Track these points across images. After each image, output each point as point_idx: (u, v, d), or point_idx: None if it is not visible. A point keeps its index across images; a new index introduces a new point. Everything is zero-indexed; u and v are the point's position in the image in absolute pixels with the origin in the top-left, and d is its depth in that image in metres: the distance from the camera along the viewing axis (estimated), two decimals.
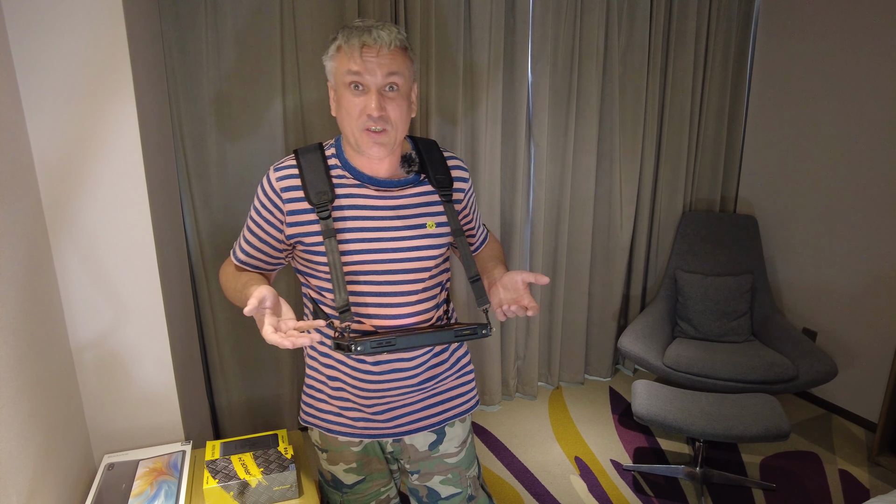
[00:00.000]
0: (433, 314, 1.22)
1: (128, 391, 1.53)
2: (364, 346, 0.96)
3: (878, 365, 2.70)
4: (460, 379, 1.33)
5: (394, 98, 1.07)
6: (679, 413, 2.15)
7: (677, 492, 2.33)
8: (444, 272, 1.26)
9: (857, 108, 2.69)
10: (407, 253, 1.15)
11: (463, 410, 1.33)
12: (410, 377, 1.22)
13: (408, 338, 1.00)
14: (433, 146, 1.25)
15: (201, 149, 2.26)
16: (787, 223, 3.06)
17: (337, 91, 1.10)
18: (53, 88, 1.30)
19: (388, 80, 1.06)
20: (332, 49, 1.10)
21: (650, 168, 3.04)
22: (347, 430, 1.26)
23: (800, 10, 2.89)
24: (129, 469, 1.41)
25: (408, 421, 1.26)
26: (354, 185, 1.15)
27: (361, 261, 1.13)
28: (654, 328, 2.85)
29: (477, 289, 1.18)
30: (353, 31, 1.06)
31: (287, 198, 1.12)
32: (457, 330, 1.04)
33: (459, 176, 1.25)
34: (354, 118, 1.07)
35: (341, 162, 1.16)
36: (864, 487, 2.35)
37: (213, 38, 2.17)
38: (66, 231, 1.38)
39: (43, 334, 1.28)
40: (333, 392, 1.25)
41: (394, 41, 1.06)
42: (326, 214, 1.10)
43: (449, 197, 1.20)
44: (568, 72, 2.76)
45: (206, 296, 2.37)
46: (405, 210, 1.16)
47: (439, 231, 1.19)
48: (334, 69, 1.10)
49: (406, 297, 1.16)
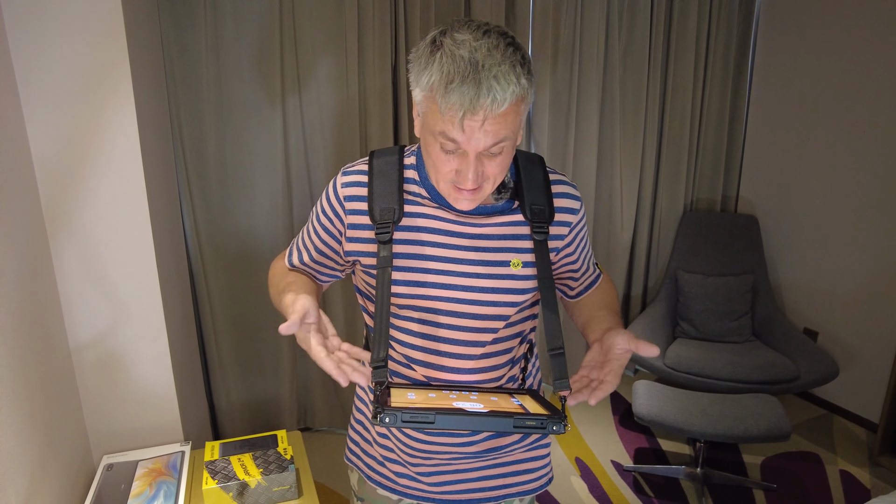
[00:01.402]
0: (504, 372, 0.99)
1: (127, 391, 1.52)
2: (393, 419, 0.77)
3: (879, 365, 2.69)
4: (532, 452, 1.10)
5: (497, 156, 0.83)
6: (680, 413, 2.15)
7: (678, 492, 2.33)
8: (527, 319, 1.02)
9: (858, 107, 2.68)
10: (480, 294, 0.93)
11: (528, 490, 1.10)
12: (468, 444, 1.00)
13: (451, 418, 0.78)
14: (537, 165, 0.99)
15: (201, 149, 2.26)
16: (788, 223, 3.06)
17: (423, 131, 0.86)
18: (53, 88, 1.30)
19: (493, 147, 0.81)
20: (423, 79, 0.81)
21: (651, 168, 3.04)
22: (387, 484, 1.08)
23: (800, 11, 2.88)
24: (128, 469, 1.41)
25: (459, 489, 1.06)
26: (431, 205, 0.94)
27: (423, 295, 0.93)
28: (654, 328, 2.84)
29: (557, 366, 0.88)
30: (455, 75, 0.76)
31: (350, 208, 0.95)
32: (518, 418, 0.79)
33: (566, 206, 0.98)
34: (443, 173, 0.85)
35: (420, 176, 0.95)
36: (864, 488, 2.35)
37: (212, 39, 2.17)
38: (66, 231, 1.38)
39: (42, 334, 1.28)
40: (379, 438, 1.07)
41: (509, 97, 0.77)
42: (387, 237, 0.90)
43: (545, 234, 0.94)
44: (568, 71, 2.76)
45: (206, 296, 2.37)
46: (486, 241, 0.94)
47: (527, 273, 0.95)
48: (424, 107, 0.83)
49: (471, 347, 0.95)
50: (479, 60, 0.76)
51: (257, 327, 2.51)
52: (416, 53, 0.84)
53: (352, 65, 2.32)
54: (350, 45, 2.30)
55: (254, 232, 2.41)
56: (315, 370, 2.65)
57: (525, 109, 0.83)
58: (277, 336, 2.52)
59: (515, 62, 0.78)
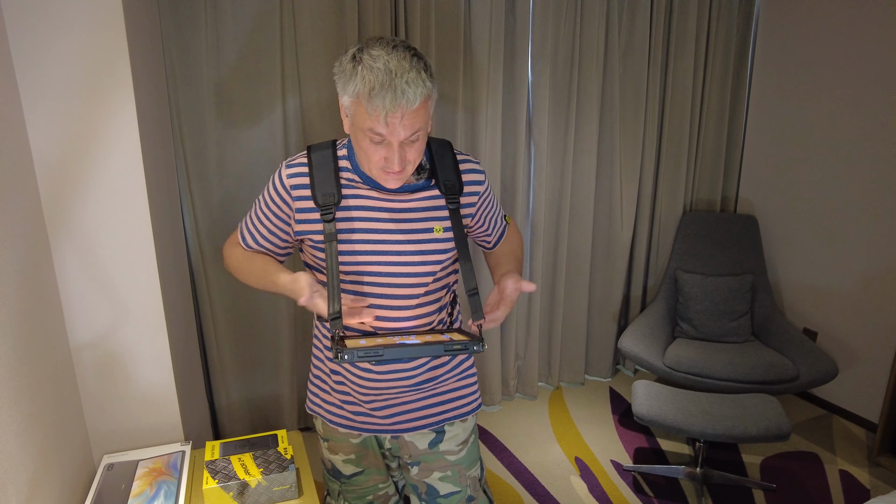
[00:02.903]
0: (435, 317, 1.23)
1: (127, 391, 1.52)
2: (351, 355, 0.98)
3: (879, 365, 2.69)
4: (461, 381, 1.34)
5: (414, 143, 1.05)
6: (679, 413, 2.15)
7: (677, 492, 2.33)
8: (451, 274, 1.26)
9: (858, 107, 2.68)
10: (411, 257, 1.16)
11: (462, 413, 1.34)
12: (409, 377, 1.23)
13: (396, 349, 1.00)
14: (446, 149, 1.22)
15: (201, 149, 2.26)
16: (787, 223, 3.06)
17: (353, 128, 1.06)
18: (53, 88, 1.30)
19: (411, 136, 1.03)
20: (349, 88, 1.01)
21: (650, 168, 3.04)
22: (347, 423, 1.30)
23: (800, 10, 2.88)
24: (129, 469, 1.41)
25: (405, 419, 1.28)
26: (364, 188, 1.15)
27: (364, 262, 1.14)
28: (654, 328, 2.84)
29: (473, 303, 1.14)
30: (375, 84, 0.97)
31: (296, 195, 1.15)
32: (447, 344, 1.04)
33: (473, 179, 1.23)
34: (373, 162, 1.06)
35: (352, 165, 1.16)
36: (864, 488, 2.35)
37: (213, 39, 2.17)
38: (66, 231, 1.38)
39: (42, 334, 1.28)
40: (336, 385, 1.29)
41: (418, 96, 0.99)
42: (329, 217, 1.12)
43: (456, 204, 1.19)
44: (568, 72, 2.76)
45: (206, 296, 2.37)
46: (412, 213, 1.16)
47: (447, 236, 1.18)
48: (352, 111, 1.04)
49: (407, 300, 1.17)
50: (392, 70, 0.98)
51: (257, 327, 2.51)
52: (339, 67, 1.05)
53: None
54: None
55: None
56: None
57: (432, 104, 1.07)
58: (277, 336, 2.52)
59: (420, 69, 1.01)
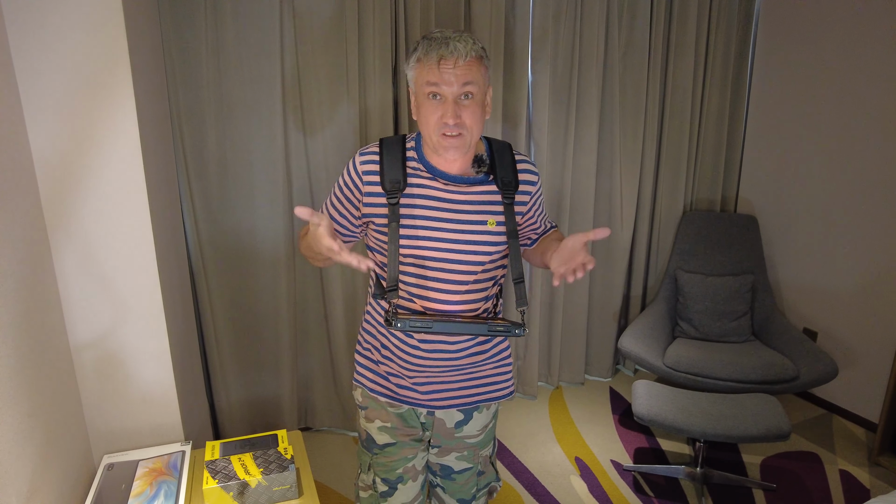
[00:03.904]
0: (480, 305, 1.31)
1: (127, 391, 1.52)
2: (403, 324, 1.10)
3: (879, 365, 2.69)
4: (498, 368, 1.42)
5: (468, 106, 1.16)
6: (679, 413, 2.15)
7: (678, 492, 2.33)
8: (499, 268, 1.33)
9: (858, 107, 2.68)
10: (464, 245, 1.24)
11: (496, 397, 1.43)
12: (453, 358, 1.31)
13: (445, 324, 1.13)
14: (506, 149, 1.31)
15: (201, 149, 2.26)
16: (787, 223, 3.06)
17: (417, 98, 1.20)
18: (53, 88, 1.30)
19: (463, 89, 1.14)
20: (412, 60, 1.19)
21: (650, 168, 3.04)
22: (390, 394, 1.38)
23: (800, 10, 2.88)
24: (129, 469, 1.41)
25: (443, 396, 1.36)
26: (427, 177, 1.25)
27: (421, 246, 1.23)
28: (654, 328, 2.84)
29: (518, 291, 1.26)
30: (431, 44, 1.15)
31: (367, 181, 1.25)
32: (491, 325, 1.15)
33: (527, 179, 1.31)
34: (432, 124, 1.17)
35: (418, 155, 1.26)
36: (864, 488, 2.35)
37: (212, 39, 2.17)
38: (66, 231, 1.38)
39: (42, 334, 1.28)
40: (382, 359, 1.36)
41: (469, 52, 1.14)
42: (395, 201, 1.22)
43: (511, 199, 1.27)
44: (568, 72, 2.76)
45: (206, 296, 2.37)
46: (469, 206, 1.25)
47: (499, 230, 1.26)
48: (414, 78, 1.20)
49: (456, 286, 1.26)
50: (447, 35, 1.16)
51: (257, 327, 2.51)
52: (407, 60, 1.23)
53: (352, 65, 2.32)
54: (350, 45, 2.31)
55: (254, 232, 2.41)
56: (315, 370, 2.65)
57: (486, 74, 1.20)
58: (278, 336, 2.52)
59: (472, 38, 1.17)
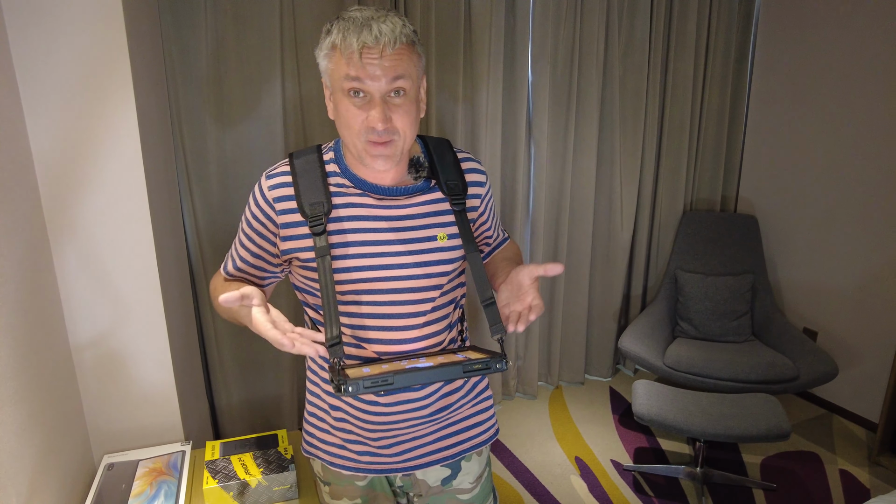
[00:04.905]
0: (444, 336, 1.08)
1: (127, 391, 1.52)
2: (356, 387, 0.83)
3: (879, 365, 2.69)
4: (477, 407, 1.18)
5: (401, 104, 0.92)
6: (679, 413, 2.15)
7: (678, 492, 2.33)
8: (458, 287, 1.11)
9: (858, 107, 2.68)
10: (414, 269, 1.01)
11: (480, 442, 1.18)
12: (421, 408, 1.07)
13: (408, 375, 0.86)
14: (446, 147, 1.10)
15: (201, 149, 2.26)
16: (787, 223, 3.06)
17: (334, 95, 0.95)
18: (53, 88, 1.30)
19: (393, 85, 0.90)
20: (325, 45, 0.93)
21: (650, 168, 3.04)
22: (351, 465, 1.12)
23: (800, 10, 2.88)
24: (129, 469, 1.41)
25: (419, 454, 1.12)
26: (355, 193, 1.01)
27: (362, 278, 1.00)
28: (654, 328, 2.84)
29: (490, 314, 0.98)
30: (349, 26, 0.89)
31: (280, 209, 1.00)
32: (466, 364, 0.89)
33: (475, 180, 1.10)
34: (356, 129, 0.93)
35: (341, 168, 1.03)
36: (864, 487, 2.35)
37: (212, 39, 2.17)
38: (66, 231, 1.38)
39: (43, 334, 1.28)
40: (336, 423, 1.12)
41: (399, 37, 0.89)
42: (320, 229, 0.97)
43: (462, 205, 1.05)
44: (568, 72, 2.76)
45: (206, 296, 2.37)
46: (412, 221, 1.02)
47: (451, 244, 1.04)
48: (329, 70, 0.94)
49: (413, 318, 1.03)
50: (369, 16, 0.90)
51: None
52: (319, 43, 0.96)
53: None
54: None
55: None
56: None
57: (418, 63, 0.95)
58: None
59: (400, 19, 0.92)
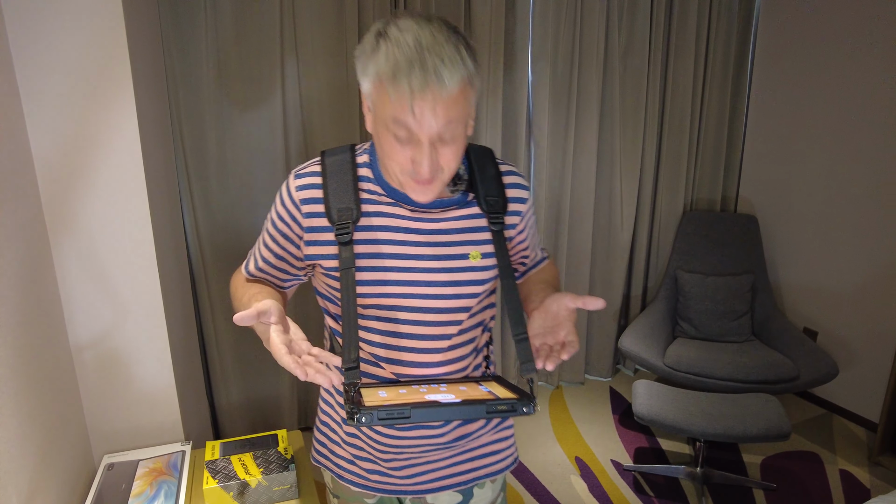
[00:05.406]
0: (469, 362, 1.01)
1: (127, 391, 1.52)
2: (369, 418, 0.78)
3: (879, 365, 2.69)
4: (497, 434, 1.11)
5: (449, 143, 0.83)
6: (679, 413, 2.15)
7: (678, 492, 2.33)
8: (487, 308, 1.04)
9: (858, 107, 2.68)
10: (443, 288, 0.94)
11: (496, 470, 1.12)
12: (438, 436, 1.01)
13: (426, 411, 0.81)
14: (488, 158, 1.00)
15: (201, 149, 2.26)
16: (787, 223, 3.06)
17: (375, 124, 0.86)
18: (53, 88, 1.30)
19: (444, 129, 0.81)
20: (370, 69, 0.82)
21: (650, 168, 3.04)
22: (360, 482, 1.08)
23: (800, 10, 2.88)
24: (129, 469, 1.41)
25: (431, 479, 1.06)
26: (387, 202, 0.93)
27: (386, 293, 0.93)
28: (654, 328, 2.84)
29: (522, 351, 0.88)
30: (400, 59, 0.77)
31: (307, 211, 0.93)
32: (490, 404, 0.82)
33: (517, 196, 1.01)
34: (397, 163, 0.85)
35: (374, 174, 0.94)
36: (864, 487, 2.35)
37: (213, 38, 2.17)
38: (66, 231, 1.38)
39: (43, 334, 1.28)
40: (347, 437, 1.07)
41: (457, 78, 0.78)
42: (346, 238, 0.90)
43: (500, 225, 0.96)
44: (568, 72, 2.76)
45: (206, 296, 2.37)
46: (445, 236, 0.94)
47: (485, 263, 0.96)
48: (373, 98, 0.84)
49: (437, 341, 0.96)
50: (423, 44, 0.77)
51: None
52: (361, 47, 0.84)
53: (352, 65, 2.33)
54: (350, 45, 2.31)
55: (254, 231, 2.41)
56: None
57: (473, 95, 0.85)
58: None
59: (459, 45, 0.80)
